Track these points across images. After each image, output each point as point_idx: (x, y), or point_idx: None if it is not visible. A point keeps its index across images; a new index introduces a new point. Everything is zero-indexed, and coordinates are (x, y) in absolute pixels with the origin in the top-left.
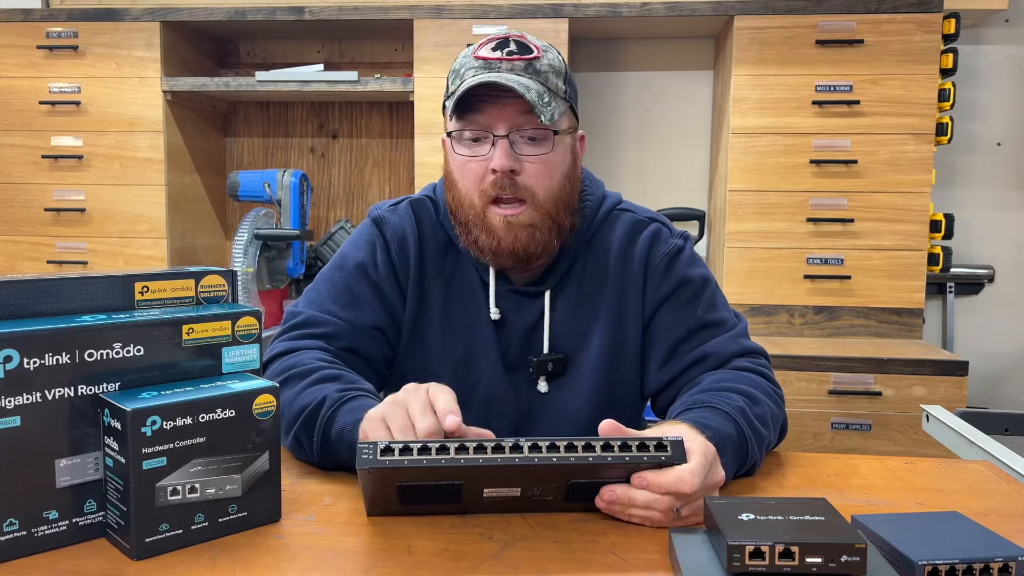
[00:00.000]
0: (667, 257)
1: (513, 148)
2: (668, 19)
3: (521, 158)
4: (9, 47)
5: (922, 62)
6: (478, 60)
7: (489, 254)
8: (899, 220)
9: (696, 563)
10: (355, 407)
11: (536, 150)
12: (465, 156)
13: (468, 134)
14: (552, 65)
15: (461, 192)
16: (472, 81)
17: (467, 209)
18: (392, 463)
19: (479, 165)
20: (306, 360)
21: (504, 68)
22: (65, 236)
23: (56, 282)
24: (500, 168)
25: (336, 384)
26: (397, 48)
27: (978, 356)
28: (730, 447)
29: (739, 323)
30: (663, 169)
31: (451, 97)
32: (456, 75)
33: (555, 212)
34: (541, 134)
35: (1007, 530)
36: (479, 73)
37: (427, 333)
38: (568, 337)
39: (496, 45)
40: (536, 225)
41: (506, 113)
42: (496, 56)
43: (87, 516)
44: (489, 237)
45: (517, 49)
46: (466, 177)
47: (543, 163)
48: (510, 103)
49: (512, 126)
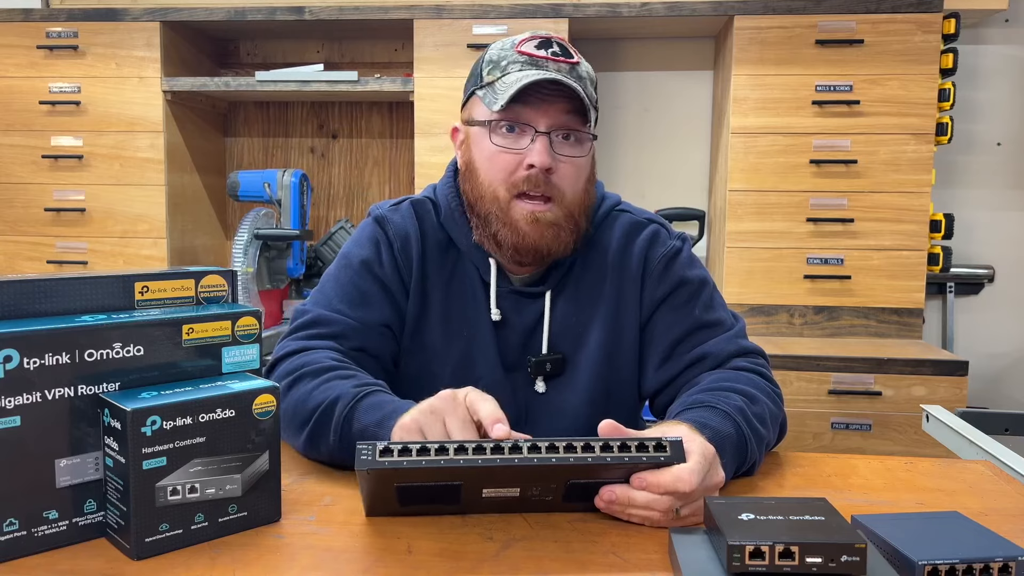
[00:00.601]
0: (665, 258)
1: (551, 146)
2: (668, 19)
3: (558, 157)
4: (9, 47)
5: (922, 62)
6: (523, 55)
7: (509, 249)
8: (899, 220)
9: (696, 563)
10: (373, 404)
11: (573, 152)
12: (500, 147)
13: (505, 127)
14: (588, 73)
15: (484, 184)
16: (529, 76)
17: (489, 202)
18: (391, 464)
19: (513, 157)
20: (318, 359)
21: (551, 67)
22: (65, 236)
23: (56, 282)
24: (541, 164)
25: (350, 381)
26: (397, 48)
27: (978, 356)
28: (729, 447)
29: (737, 323)
30: (663, 169)
31: (487, 87)
32: (495, 66)
33: (578, 215)
34: (581, 136)
35: (1007, 530)
36: (526, 68)
37: (428, 333)
38: (566, 337)
39: (540, 43)
40: (560, 224)
41: (551, 111)
42: (542, 54)
43: (87, 516)
44: (512, 232)
45: (560, 51)
46: (495, 167)
47: (576, 166)
48: (556, 102)
49: (554, 124)
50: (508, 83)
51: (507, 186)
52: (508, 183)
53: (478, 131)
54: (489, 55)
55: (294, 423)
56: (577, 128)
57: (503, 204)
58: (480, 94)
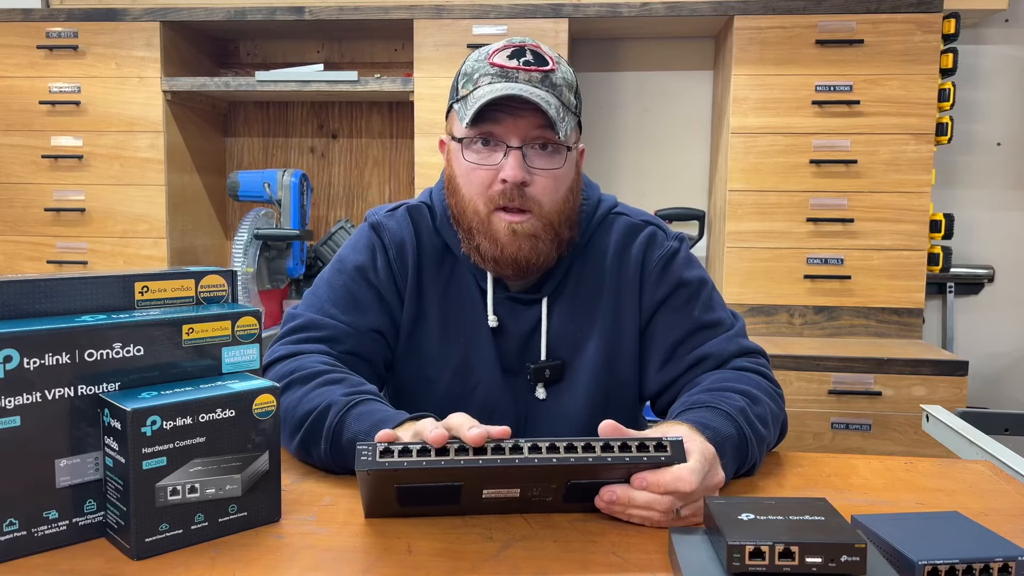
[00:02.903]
0: (663, 260)
1: (524, 160)
2: (668, 19)
3: (532, 170)
4: (9, 47)
5: (922, 62)
6: (494, 67)
7: (490, 261)
8: (899, 220)
9: (696, 563)
10: (364, 412)
11: (547, 164)
12: (474, 163)
13: (479, 142)
14: (565, 78)
15: (464, 198)
16: (494, 92)
17: (470, 215)
18: (392, 465)
19: (488, 172)
20: (309, 364)
21: (522, 79)
22: (65, 236)
23: (56, 282)
24: (512, 179)
25: (341, 387)
26: (397, 48)
27: (978, 356)
28: (730, 447)
29: (736, 323)
30: (663, 169)
31: (461, 101)
32: (468, 79)
33: (557, 224)
34: (554, 148)
35: (1007, 530)
36: (495, 81)
37: (424, 339)
38: (565, 343)
39: (512, 53)
40: (539, 236)
41: (521, 125)
42: (513, 65)
43: (87, 516)
44: (491, 244)
45: (534, 60)
46: (472, 183)
47: (552, 177)
48: (526, 115)
49: (526, 138)
50: (477, 97)
51: (484, 200)
52: (485, 197)
53: (456, 146)
54: (464, 67)
55: (286, 429)
56: (551, 140)
57: (483, 217)
58: (456, 108)
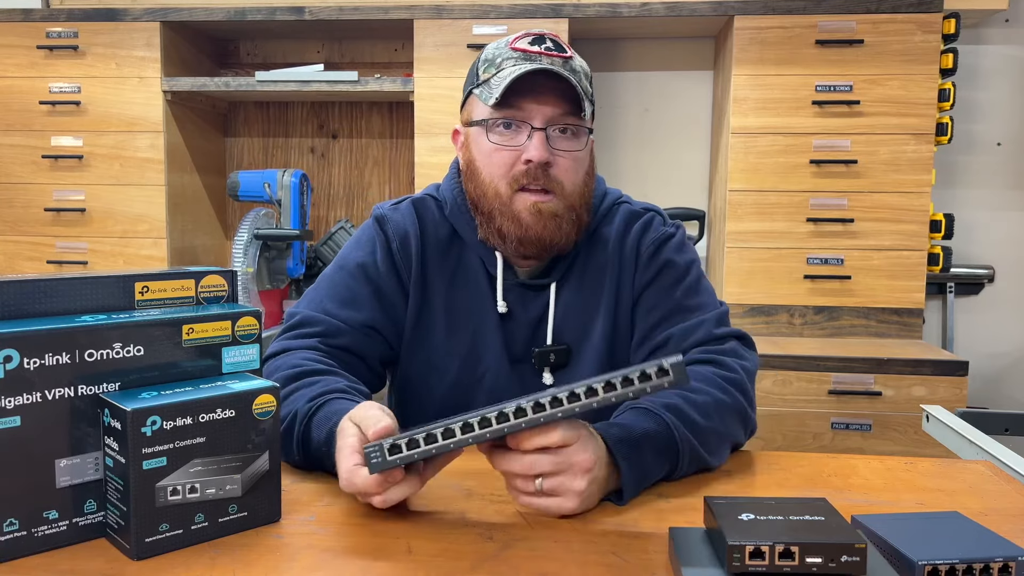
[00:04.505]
0: (656, 243)
1: (548, 141)
2: (668, 19)
3: (555, 152)
4: (9, 47)
5: (922, 62)
6: (516, 51)
7: (514, 242)
8: (899, 220)
9: (696, 563)
10: (322, 418)
11: (570, 145)
12: (497, 144)
13: (501, 124)
14: (583, 67)
15: (485, 181)
16: (521, 69)
17: (491, 198)
18: (403, 460)
19: (511, 153)
20: (292, 362)
21: (545, 61)
22: (65, 236)
23: (56, 282)
24: (538, 159)
25: (309, 391)
26: (397, 48)
27: (978, 356)
28: (647, 442)
29: (718, 308)
30: (663, 169)
31: (483, 85)
32: (490, 64)
33: (578, 206)
34: (577, 130)
35: (1007, 530)
36: (520, 63)
37: (431, 329)
38: (572, 328)
39: (533, 40)
40: (562, 216)
41: (545, 107)
42: (536, 50)
43: (87, 516)
44: (515, 225)
45: (554, 46)
46: (494, 164)
47: (573, 159)
48: (550, 97)
49: (549, 119)
50: (503, 78)
51: (508, 180)
52: (508, 177)
53: (476, 130)
54: (485, 54)
55: None
56: (573, 122)
57: (505, 199)
58: (477, 92)
